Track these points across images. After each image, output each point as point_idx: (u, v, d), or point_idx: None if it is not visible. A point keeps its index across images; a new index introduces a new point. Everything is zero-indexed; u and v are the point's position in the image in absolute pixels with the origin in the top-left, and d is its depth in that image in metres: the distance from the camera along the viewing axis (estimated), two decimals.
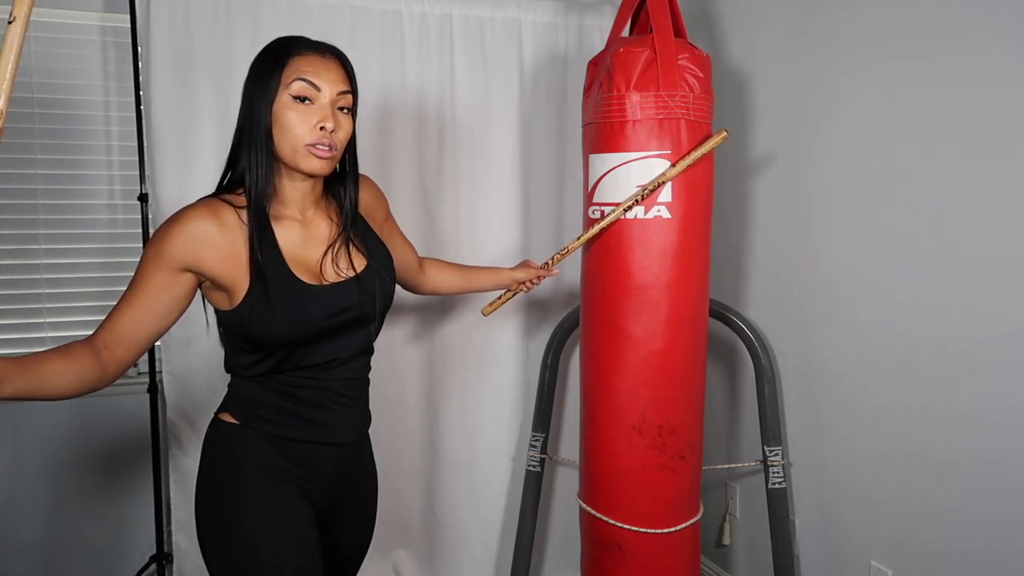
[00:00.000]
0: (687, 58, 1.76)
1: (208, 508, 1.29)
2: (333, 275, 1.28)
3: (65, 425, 2.30)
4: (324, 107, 1.20)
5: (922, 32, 1.70)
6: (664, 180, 1.72)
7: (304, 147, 1.19)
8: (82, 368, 1.11)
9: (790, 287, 2.13)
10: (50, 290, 2.25)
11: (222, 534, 1.26)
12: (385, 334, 2.32)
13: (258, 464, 1.28)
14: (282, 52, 1.20)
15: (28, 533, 2.28)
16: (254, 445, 1.28)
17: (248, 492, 1.26)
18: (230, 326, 1.25)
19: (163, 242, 1.18)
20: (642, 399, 1.82)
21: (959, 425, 1.67)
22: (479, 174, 2.36)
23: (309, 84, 1.19)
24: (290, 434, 1.29)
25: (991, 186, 1.58)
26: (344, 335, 1.30)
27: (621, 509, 1.87)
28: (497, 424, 2.45)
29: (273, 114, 1.19)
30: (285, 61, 1.19)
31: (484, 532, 2.47)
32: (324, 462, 1.33)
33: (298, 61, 1.20)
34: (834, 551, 2.03)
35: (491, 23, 2.33)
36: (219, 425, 1.32)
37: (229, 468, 1.28)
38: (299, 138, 1.19)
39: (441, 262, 1.81)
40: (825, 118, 1.98)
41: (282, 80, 1.18)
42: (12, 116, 2.17)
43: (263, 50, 1.25)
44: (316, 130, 1.19)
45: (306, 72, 1.19)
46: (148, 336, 1.19)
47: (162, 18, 2.03)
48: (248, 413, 1.29)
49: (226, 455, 1.29)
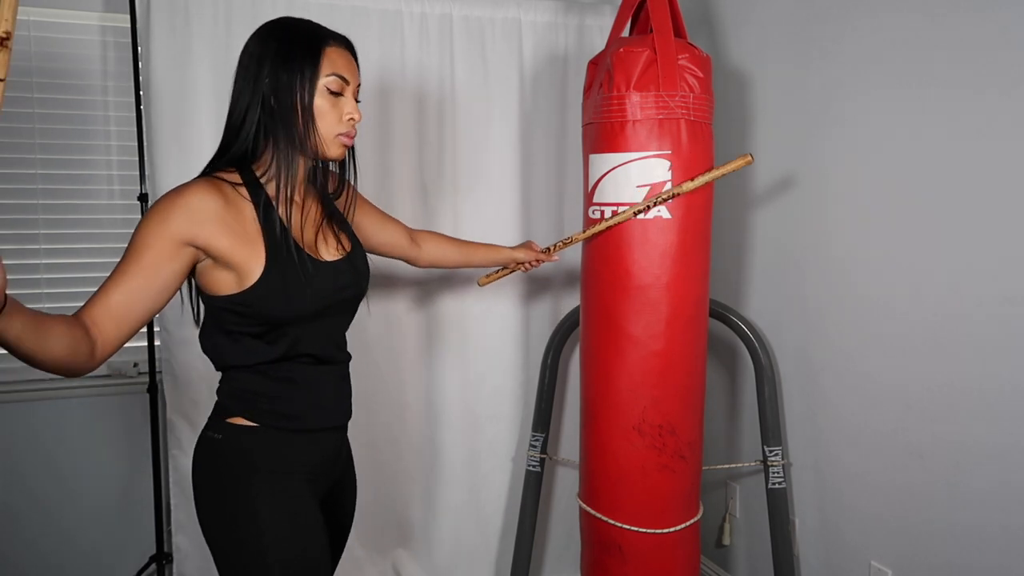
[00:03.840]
0: (687, 58, 1.76)
1: (225, 522, 1.25)
2: (328, 254, 1.32)
3: (65, 425, 2.30)
4: (350, 99, 1.27)
5: (922, 31, 1.70)
6: (681, 192, 1.74)
7: (336, 136, 1.26)
8: (77, 337, 1.04)
9: (790, 287, 2.13)
10: (50, 290, 2.25)
11: (246, 550, 1.23)
12: (385, 334, 2.33)
13: (274, 466, 1.27)
14: (314, 42, 1.23)
15: (28, 533, 2.28)
16: (271, 445, 1.27)
17: (270, 505, 1.24)
18: (239, 309, 1.21)
19: (166, 213, 1.15)
20: (642, 399, 1.82)
21: (959, 425, 1.67)
22: (479, 174, 2.36)
23: (342, 80, 1.25)
24: (309, 424, 1.30)
25: (991, 186, 1.58)
26: (341, 313, 1.36)
27: (621, 509, 1.87)
28: (497, 424, 2.45)
29: (312, 103, 1.23)
30: (320, 52, 1.23)
31: (484, 532, 2.47)
32: (331, 446, 1.36)
33: (331, 54, 1.24)
34: (834, 551, 2.03)
35: (491, 23, 2.33)
36: (228, 429, 1.27)
37: (244, 476, 1.25)
38: (332, 128, 1.25)
39: (438, 235, 1.84)
40: (825, 118, 1.98)
41: (319, 72, 1.23)
42: (12, 116, 2.18)
43: (283, 33, 1.24)
44: (346, 121, 1.27)
45: (339, 67, 1.25)
46: (140, 315, 1.14)
47: (162, 18, 2.04)
48: (262, 411, 1.27)
49: (239, 462, 1.25)
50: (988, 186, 1.58)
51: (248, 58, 1.24)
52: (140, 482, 2.34)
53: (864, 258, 1.88)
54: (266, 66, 1.21)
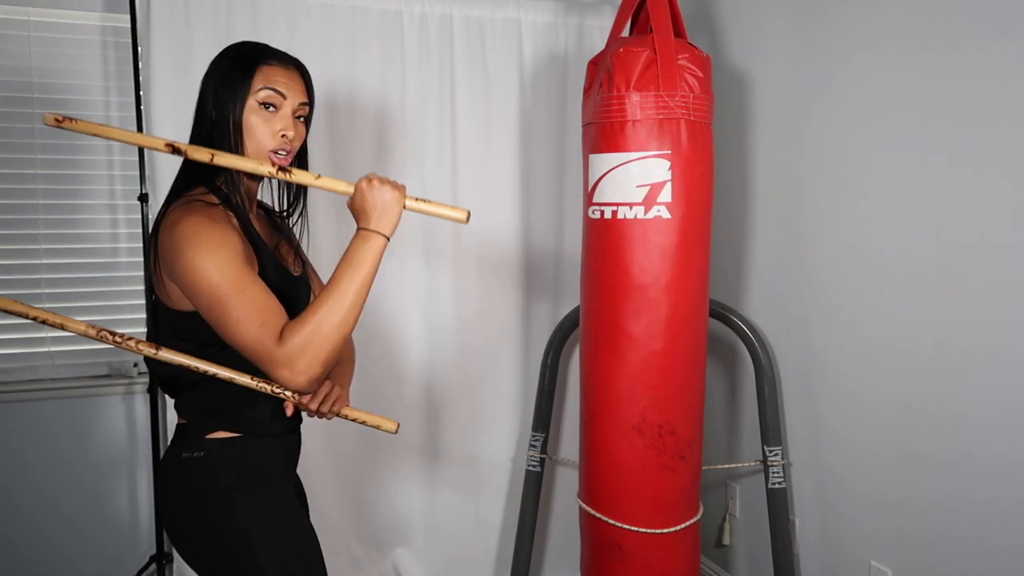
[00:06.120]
0: (687, 58, 1.76)
1: (217, 539, 1.24)
2: (294, 268, 1.37)
3: (65, 425, 2.30)
4: (287, 116, 1.26)
5: (921, 31, 1.70)
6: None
7: (267, 151, 1.25)
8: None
9: (790, 287, 2.12)
10: (50, 290, 2.25)
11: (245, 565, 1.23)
12: (385, 334, 2.33)
13: (263, 473, 1.28)
14: (252, 59, 1.25)
15: (28, 533, 2.28)
16: (253, 452, 1.27)
17: (266, 515, 1.25)
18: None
19: (223, 237, 1.16)
20: (642, 399, 1.82)
21: (959, 424, 1.67)
22: (479, 174, 2.36)
23: (276, 92, 1.24)
24: (277, 428, 1.31)
25: (991, 185, 1.58)
26: None
27: (621, 509, 1.87)
28: (497, 424, 2.45)
29: (241, 117, 1.23)
30: (255, 68, 1.24)
31: (484, 532, 2.47)
32: (294, 446, 1.39)
33: (267, 70, 1.24)
34: (834, 551, 2.03)
35: (491, 23, 2.33)
36: (210, 445, 1.25)
37: (235, 489, 1.24)
38: (263, 143, 1.24)
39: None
40: (825, 118, 1.98)
41: (252, 87, 1.23)
42: (12, 116, 2.18)
43: (229, 53, 1.27)
44: (278, 137, 1.25)
45: (274, 81, 1.24)
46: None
47: (162, 18, 2.04)
48: (237, 420, 1.26)
49: (227, 474, 1.25)
50: (990, 186, 1.58)
51: (204, 77, 1.27)
52: (140, 482, 2.34)
53: (864, 258, 1.88)
54: (211, 83, 1.25)
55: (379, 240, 1.20)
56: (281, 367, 1.11)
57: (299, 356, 1.11)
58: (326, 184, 1.24)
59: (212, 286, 1.12)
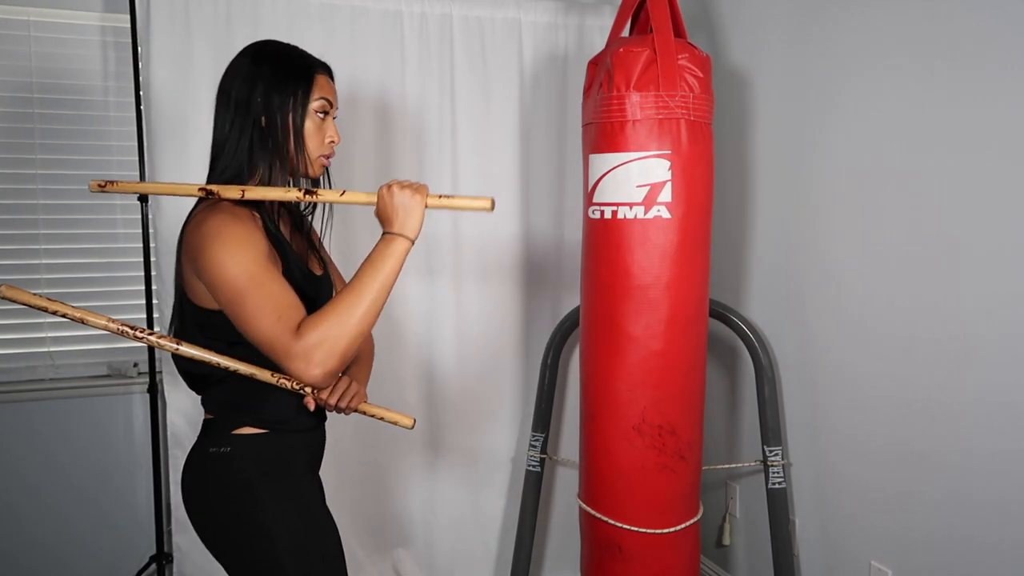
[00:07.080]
0: (687, 58, 1.76)
1: (244, 535, 1.26)
2: (316, 269, 1.39)
3: (65, 425, 2.30)
4: (332, 123, 1.33)
5: (921, 32, 1.70)
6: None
7: (318, 157, 1.31)
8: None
9: (790, 287, 2.13)
10: (50, 290, 2.25)
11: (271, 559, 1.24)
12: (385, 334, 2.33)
13: (288, 470, 1.29)
14: (307, 68, 1.29)
15: (28, 533, 2.28)
16: (280, 448, 1.29)
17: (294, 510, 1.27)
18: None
19: (247, 234, 1.18)
20: (642, 399, 1.82)
21: (959, 425, 1.67)
22: (479, 174, 2.36)
23: (328, 103, 1.31)
24: (304, 424, 1.33)
25: (990, 185, 1.58)
26: None
27: (621, 509, 1.87)
28: (497, 424, 2.45)
29: (303, 124, 1.28)
30: (312, 78, 1.28)
31: (484, 532, 2.47)
32: (318, 443, 1.41)
33: (320, 80, 1.30)
34: (834, 551, 2.03)
35: (491, 23, 2.33)
36: (238, 441, 1.27)
37: (262, 484, 1.26)
38: (316, 149, 1.30)
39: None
40: (825, 118, 1.98)
41: (311, 95, 1.28)
42: (12, 116, 2.18)
43: (271, 57, 1.28)
44: (328, 144, 1.32)
45: (327, 92, 1.31)
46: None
47: (162, 18, 2.04)
48: (265, 417, 1.28)
49: (255, 471, 1.26)
50: (990, 186, 1.58)
51: (237, 79, 1.27)
52: (140, 482, 2.34)
53: (864, 258, 1.88)
54: (259, 87, 1.25)
55: (402, 243, 1.21)
56: (297, 359, 1.12)
57: (315, 349, 1.12)
58: (351, 199, 1.28)
59: (232, 279, 1.14)
